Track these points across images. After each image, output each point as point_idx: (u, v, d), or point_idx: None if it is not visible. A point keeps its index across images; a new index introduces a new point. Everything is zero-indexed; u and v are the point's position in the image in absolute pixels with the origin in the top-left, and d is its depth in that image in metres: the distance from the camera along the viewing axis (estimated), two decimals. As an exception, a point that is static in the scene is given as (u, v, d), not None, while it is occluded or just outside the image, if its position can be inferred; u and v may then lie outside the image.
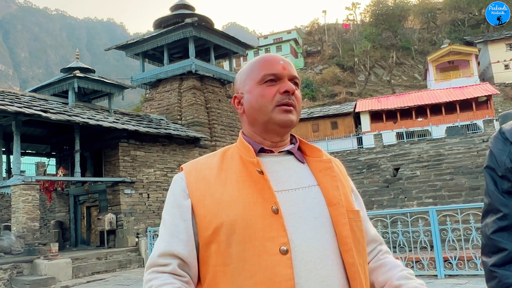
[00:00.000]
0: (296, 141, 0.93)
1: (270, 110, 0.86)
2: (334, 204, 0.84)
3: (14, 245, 9.72)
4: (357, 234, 0.85)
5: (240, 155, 0.87)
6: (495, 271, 0.81)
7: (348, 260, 0.81)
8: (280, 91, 0.86)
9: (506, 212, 0.81)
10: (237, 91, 0.94)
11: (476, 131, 21.33)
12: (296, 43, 45.33)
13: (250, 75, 0.90)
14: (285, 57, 0.93)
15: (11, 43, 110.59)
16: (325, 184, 0.86)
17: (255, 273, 0.76)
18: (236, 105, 0.93)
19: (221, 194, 0.82)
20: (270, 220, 0.78)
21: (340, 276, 0.80)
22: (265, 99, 0.86)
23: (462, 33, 38.16)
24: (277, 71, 0.87)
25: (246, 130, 0.93)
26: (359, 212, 0.88)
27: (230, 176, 0.84)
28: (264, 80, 0.87)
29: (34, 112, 10.15)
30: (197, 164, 0.90)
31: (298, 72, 0.96)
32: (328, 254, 0.80)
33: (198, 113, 16.03)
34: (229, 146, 0.93)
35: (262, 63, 0.89)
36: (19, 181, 10.22)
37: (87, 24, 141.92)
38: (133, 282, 8.28)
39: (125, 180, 12.40)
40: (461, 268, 5.68)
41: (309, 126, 27.85)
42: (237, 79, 0.95)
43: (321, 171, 0.88)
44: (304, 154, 0.92)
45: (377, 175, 15.23)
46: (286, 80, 0.88)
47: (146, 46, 17.39)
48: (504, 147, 0.85)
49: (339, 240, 0.82)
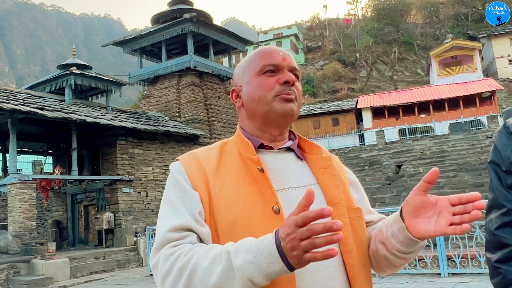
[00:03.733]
0: (295, 137, 0.92)
1: (270, 100, 0.84)
2: (335, 203, 0.82)
3: (11, 245, 9.66)
4: (360, 234, 0.84)
5: (239, 151, 0.85)
6: (499, 267, 0.80)
7: (349, 261, 0.80)
8: (279, 82, 0.85)
9: (510, 207, 0.80)
10: (235, 84, 0.92)
11: (480, 127, 21.12)
12: (297, 39, 45.08)
13: (249, 67, 0.89)
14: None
15: (7, 39, 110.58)
16: (325, 183, 0.85)
17: None
18: (234, 99, 0.91)
19: (220, 191, 0.80)
20: (271, 221, 0.76)
21: (341, 277, 0.79)
22: (265, 89, 0.84)
23: (465, 27, 37.83)
24: (276, 61, 0.86)
25: (244, 125, 0.90)
26: (360, 209, 0.87)
27: (229, 173, 0.82)
28: (263, 70, 0.86)
29: (30, 109, 10.06)
30: (195, 157, 0.86)
31: (298, 67, 0.93)
32: None
33: (197, 110, 15.90)
34: (227, 140, 0.90)
35: (261, 54, 0.88)
36: (16, 179, 10.14)
37: (84, 20, 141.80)
38: (131, 282, 8.18)
39: (123, 178, 12.29)
40: (464, 266, 5.64)
41: (310, 123, 27.67)
42: (236, 73, 0.93)
43: (321, 169, 0.87)
44: (303, 151, 0.90)
45: (379, 173, 15.06)
46: (286, 71, 0.86)
47: (144, 42, 17.25)
48: (509, 141, 0.84)
49: (340, 241, 0.70)
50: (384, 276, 5.87)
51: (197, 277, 0.69)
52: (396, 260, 0.82)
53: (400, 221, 0.77)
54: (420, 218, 0.74)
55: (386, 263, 0.85)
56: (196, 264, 0.69)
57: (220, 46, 18.57)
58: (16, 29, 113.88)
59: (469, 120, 22.87)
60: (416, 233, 0.75)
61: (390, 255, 0.82)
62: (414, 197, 0.75)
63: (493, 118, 19.33)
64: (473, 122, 22.71)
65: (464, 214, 0.69)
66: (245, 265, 0.65)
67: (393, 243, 0.79)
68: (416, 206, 0.74)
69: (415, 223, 0.75)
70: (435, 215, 0.73)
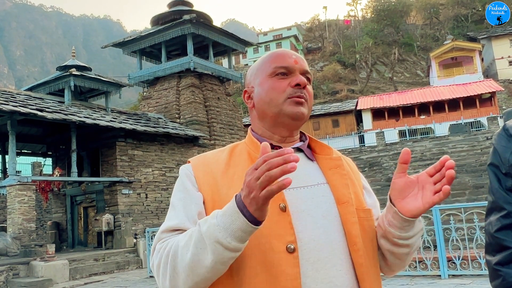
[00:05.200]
0: (306, 138, 0.93)
1: (281, 103, 0.85)
2: (343, 202, 0.83)
3: (10, 247, 9.63)
4: (369, 234, 0.84)
5: (249, 152, 0.87)
6: (499, 269, 0.79)
7: (357, 260, 0.80)
8: (291, 84, 0.86)
9: (510, 210, 0.80)
10: (247, 85, 0.93)
11: (480, 129, 21.11)
12: (296, 40, 45.14)
13: (261, 69, 0.90)
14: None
15: (6, 41, 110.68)
16: (334, 182, 0.85)
17: (261, 271, 0.75)
18: (246, 100, 0.93)
19: (228, 190, 0.81)
20: (277, 218, 0.77)
21: (349, 276, 0.79)
22: (276, 91, 0.86)
23: (465, 28, 37.86)
24: (288, 64, 0.87)
25: (255, 126, 0.92)
26: (371, 211, 0.87)
27: (237, 173, 0.83)
28: (275, 73, 0.87)
29: (30, 111, 10.05)
30: (204, 159, 0.89)
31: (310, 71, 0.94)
32: (336, 253, 0.79)
33: (196, 112, 15.87)
34: (238, 142, 0.93)
35: (274, 56, 0.89)
36: (15, 181, 10.11)
37: (83, 21, 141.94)
38: (131, 284, 8.15)
39: (122, 180, 12.27)
40: (465, 268, 5.62)
41: (310, 124, 27.67)
42: (248, 73, 0.94)
43: (330, 169, 0.87)
44: (313, 151, 0.91)
45: (379, 174, 15.04)
46: (298, 74, 0.87)
47: (143, 43, 17.24)
48: (508, 144, 0.83)
49: (348, 240, 0.81)
50: (384, 278, 5.85)
51: (178, 256, 0.72)
52: (400, 250, 0.83)
53: (391, 207, 0.80)
54: (407, 198, 0.77)
55: (392, 258, 0.86)
56: (176, 247, 0.74)
57: (220, 47, 18.57)
58: (16, 31, 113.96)
59: (469, 121, 22.87)
60: (407, 212, 0.77)
61: (392, 246, 0.83)
62: (396, 180, 0.78)
63: (493, 119, 19.32)
64: (473, 124, 22.69)
65: (442, 179, 0.73)
66: (211, 228, 0.68)
67: (392, 232, 0.81)
68: (400, 189, 0.78)
69: (404, 203, 0.77)
70: (420, 191, 0.76)
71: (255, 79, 0.90)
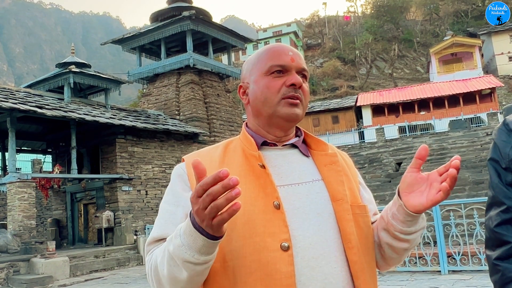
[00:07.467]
0: (301, 133, 0.91)
1: (275, 103, 0.84)
2: (338, 199, 0.82)
3: (10, 244, 9.64)
4: (364, 231, 0.83)
5: (243, 148, 0.86)
6: (498, 264, 0.79)
7: (351, 257, 0.79)
8: (286, 84, 0.84)
9: (510, 204, 0.80)
10: (243, 80, 0.91)
11: (480, 125, 21.10)
12: (296, 36, 44.97)
13: (257, 65, 0.88)
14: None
15: (5, 38, 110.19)
16: (329, 179, 0.84)
17: (255, 270, 0.74)
18: (241, 95, 0.91)
19: None
20: (271, 216, 0.77)
21: (344, 273, 0.78)
22: (271, 91, 0.84)
23: (465, 24, 37.73)
24: (284, 62, 0.85)
25: (250, 122, 0.91)
26: (366, 207, 0.86)
27: (231, 170, 0.79)
28: (270, 71, 0.85)
29: (29, 108, 10.03)
30: (198, 156, 0.87)
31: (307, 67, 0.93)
32: (331, 251, 0.79)
33: (196, 108, 15.85)
34: (233, 138, 0.91)
35: (270, 53, 0.87)
36: (15, 178, 10.11)
37: (82, 18, 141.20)
38: (131, 281, 8.17)
39: (122, 177, 12.27)
40: (465, 264, 5.63)
41: (310, 120, 27.65)
42: (244, 68, 0.92)
43: (326, 165, 0.87)
44: (309, 147, 0.90)
45: (379, 170, 15.05)
46: (294, 73, 0.85)
47: (143, 40, 17.18)
48: (508, 138, 0.83)
49: (343, 237, 0.80)
50: (384, 274, 5.86)
51: (159, 272, 0.74)
52: (399, 244, 0.83)
53: (398, 200, 0.79)
54: (414, 193, 0.77)
55: (389, 252, 0.85)
56: (155, 262, 0.76)
57: (220, 44, 18.50)
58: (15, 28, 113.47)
59: (469, 117, 22.86)
60: (411, 206, 0.77)
61: (392, 240, 0.82)
62: (408, 174, 0.78)
63: (493, 115, 19.31)
64: (473, 119, 22.69)
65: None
66: (177, 249, 0.68)
67: (394, 225, 0.80)
68: (410, 183, 0.78)
69: (410, 198, 0.77)
70: (427, 188, 0.76)
71: (251, 75, 0.89)
